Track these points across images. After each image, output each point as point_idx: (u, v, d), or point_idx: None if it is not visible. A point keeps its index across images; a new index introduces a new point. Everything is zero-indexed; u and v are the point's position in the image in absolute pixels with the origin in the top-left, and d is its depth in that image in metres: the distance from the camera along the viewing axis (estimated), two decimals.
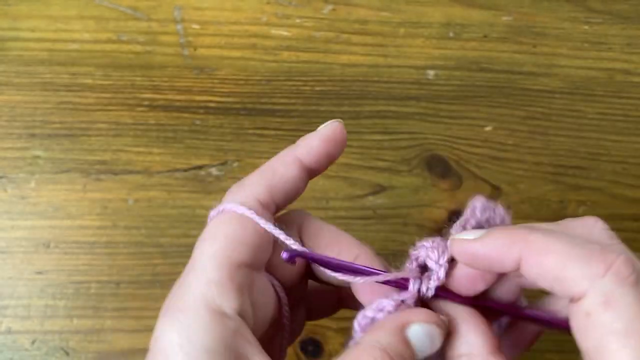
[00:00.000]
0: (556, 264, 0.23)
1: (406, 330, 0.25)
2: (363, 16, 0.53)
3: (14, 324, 0.42)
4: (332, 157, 0.30)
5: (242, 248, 0.26)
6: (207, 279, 0.25)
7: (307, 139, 0.29)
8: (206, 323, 0.24)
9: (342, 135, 0.30)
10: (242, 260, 0.26)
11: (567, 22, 0.54)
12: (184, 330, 0.24)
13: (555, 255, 0.23)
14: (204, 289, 0.24)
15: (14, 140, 0.47)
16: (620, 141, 0.50)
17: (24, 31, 0.50)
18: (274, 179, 0.28)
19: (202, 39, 0.51)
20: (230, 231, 0.26)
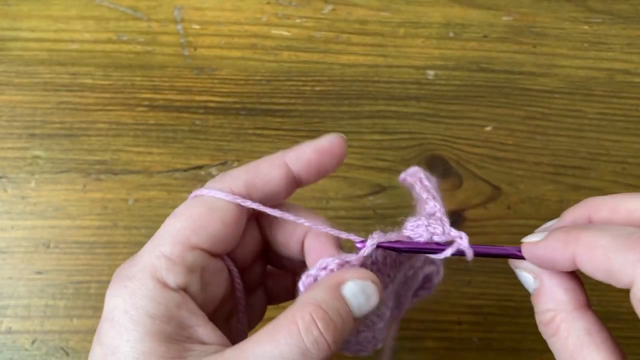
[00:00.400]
0: (603, 257, 0.25)
1: (341, 288, 0.26)
2: (363, 16, 0.53)
3: (14, 323, 0.42)
4: (323, 170, 0.30)
5: (202, 232, 0.27)
6: (160, 252, 0.26)
7: (301, 146, 0.29)
8: (151, 291, 0.25)
9: (339, 150, 0.30)
10: (198, 244, 0.27)
11: (567, 22, 0.54)
12: (129, 297, 0.25)
13: (601, 249, 0.25)
14: (154, 261, 0.26)
15: (14, 140, 0.47)
16: (620, 141, 0.50)
17: (25, 31, 0.50)
18: (256, 176, 0.28)
19: (202, 39, 0.51)
20: (195, 213, 0.27)
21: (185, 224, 0.27)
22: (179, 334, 0.25)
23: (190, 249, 0.26)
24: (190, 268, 0.26)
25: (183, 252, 0.26)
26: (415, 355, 0.44)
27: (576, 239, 0.26)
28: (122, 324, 0.24)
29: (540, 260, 0.28)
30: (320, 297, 0.25)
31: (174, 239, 0.26)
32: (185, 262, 0.26)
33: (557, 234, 0.27)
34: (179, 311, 0.25)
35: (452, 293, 0.45)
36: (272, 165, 0.29)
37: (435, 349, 0.44)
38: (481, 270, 0.46)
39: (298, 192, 0.47)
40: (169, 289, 0.25)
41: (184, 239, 0.26)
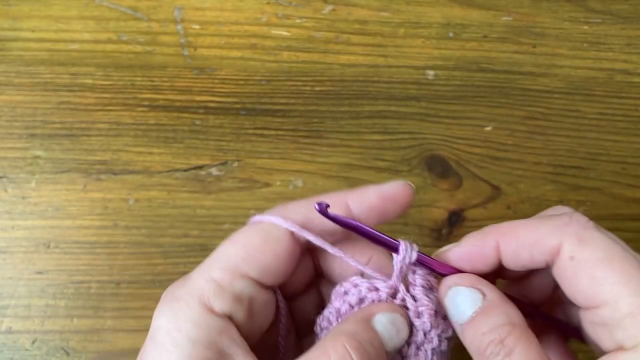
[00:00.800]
0: (528, 232, 0.26)
1: (371, 320, 0.26)
2: (363, 16, 0.53)
3: (15, 323, 0.42)
4: (384, 216, 0.29)
5: (253, 261, 0.27)
6: (210, 276, 0.26)
7: (365, 189, 0.29)
8: (195, 314, 0.25)
9: (403, 198, 0.29)
10: (248, 273, 0.26)
11: (566, 22, 0.54)
12: (174, 318, 0.25)
13: (524, 226, 0.26)
14: (203, 285, 0.26)
15: (14, 140, 0.47)
16: (619, 141, 0.50)
17: (25, 31, 0.50)
18: (316, 215, 0.28)
19: (202, 39, 0.51)
20: (249, 241, 0.27)
21: (238, 251, 0.27)
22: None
23: (240, 277, 0.26)
24: (238, 296, 0.26)
25: (232, 279, 0.26)
26: None
27: (495, 229, 0.27)
28: (163, 345, 0.24)
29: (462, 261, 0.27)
30: (353, 328, 0.25)
31: (225, 265, 0.26)
32: (233, 289, 0.26)
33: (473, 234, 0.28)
34: (221, 338, 0.25)
35: None
36: (333, 205, 0.28)
37: None
38: None
39: (297, 193, 0.47)
40: (213, 315, 0.25)
41: (234, 266, 0.26)
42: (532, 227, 0.27)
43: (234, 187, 0.46)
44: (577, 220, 0.26)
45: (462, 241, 0.28)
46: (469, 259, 0.27)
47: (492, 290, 0.27)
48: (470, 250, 0.28)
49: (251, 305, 0.27)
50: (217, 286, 0.26)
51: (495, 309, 0.26)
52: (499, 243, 0.27)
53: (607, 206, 0.48)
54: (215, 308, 0.25)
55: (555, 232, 0.26)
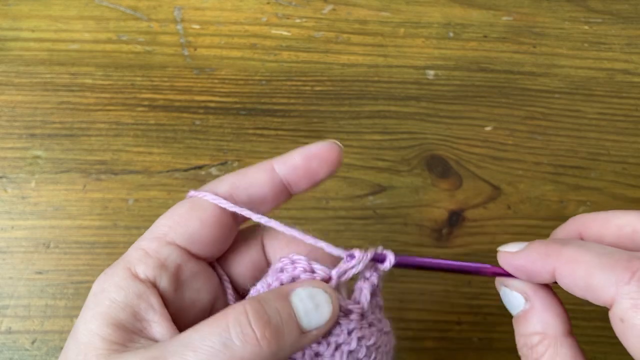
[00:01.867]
0: (585, 273, 0.25)
1: (289, 293, 0.25)
2: (363, 16, 0.53)
3: (14, 323, 0.42)
4: (312, 176, 0.29)
5: (179, 229, 0.27)
6: (139, 245, 0.27)
7: (290, 152, 0.29)
8: (119, 278, 0.26)
9: (329, 156, 0.28)
10: (174, 240, 0.27)
11: (567, 22, 0.54)
12: (102, 282, 0.26)
13: (584, 264, 0.25)
14: (132, 253, 0.27)
15: (14, 140, 0.47)
16: (620, 141, 0.50)
17: (25, 31, 0.50)
18: (241, 179, 0.28)
19: (202, 39, 0.51)
20: (177, 212, 0.28)
21: (166, 221, 0.27)
22: (132, 324, 0.25)
23: (166, 244, 0.27)
24: (163, 263, 0.27)
25: (159, 247, 0.27)
26: (415, 355, 0.44)
27: (558, 252, 0.26)
28: (87, 305, 0.26)
29: (518, 271, 0.27)
30: (263, 295, 0.25)
31: (154, 235, 0.27)
32: (158, 256, 0.27)
33: (538, 245, 0.27)
34: (138, 301, 0.26)
35: (452, 293, 0.45)
36: (258, 169, 0.28)
37: (435, 349, 0.44)
38: None
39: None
40: (135, 279, 0.26)
41: (162, 234, 0.27)
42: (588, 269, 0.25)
43: None
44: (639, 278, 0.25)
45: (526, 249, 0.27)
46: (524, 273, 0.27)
47: (537, 295, 0.27)
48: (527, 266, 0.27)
49: (178, 273, 0.27)
50: (143, 253, 0.27)
51: (533, 316, 0.27)
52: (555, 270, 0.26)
53: (608, 206, 0.48)
54: (138, 273, 0.26)
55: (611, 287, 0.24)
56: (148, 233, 0.28)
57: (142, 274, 0.26)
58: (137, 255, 0.27)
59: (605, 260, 0.25)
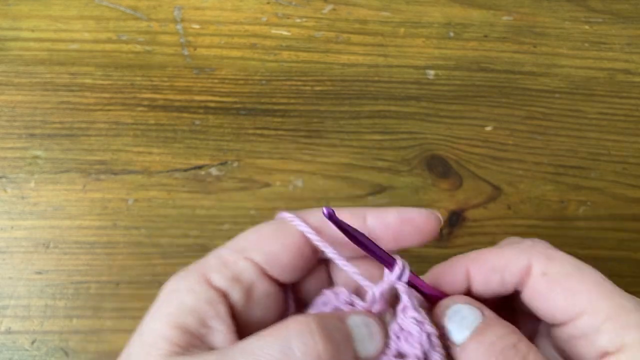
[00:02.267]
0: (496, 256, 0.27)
1: (345, 317, 0.26)
2: (363, 16, 0.53)
3: (14, 324, 0.42)
4: (401, 239, 0.28)
5: (260, 247, 0.27)
6: (218, 254, 0.28)
7: (387, 208, 0.29)
8: (192, 282, 0.26)
9: (426, 226, 0.28)
10: (252, 257, 0.27)
11: (567, 22, 0.54)
12: (175, 283, 0.27)
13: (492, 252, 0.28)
14: (210, 260, 0.27)
15: (13, 140, 0.47)
16: (620, 141, 0.50)
17: (24, 31, 0.50)
18: None
19: (202, 38, 0.51)
20: (263, 230, 0.28)
21: (249, 237, 0.28)
22: (197, 329, 0.25)
23: (244, 258, 0.27)
24: (237, 276, 0.27)
25: (237, 260, 0.27)
26: None
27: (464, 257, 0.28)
28: (157, 304, 0.26)
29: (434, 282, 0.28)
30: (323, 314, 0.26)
31: (234, 247, 0.28)
32: (235, 268, 0.27)
33: (440, 264, 0.29)
34: (207, 307, 0.26)
35: None
36: (352, 215, 0.28)
37: None
38: None
39: (297, 193, 0.47)
40: (208, 285, 0.26)
41: (242, 248, 0.27)
42: (499, 252, 0.27)
43: (233, 187, 0.46)
44: (540, 243, 0.28)
45: (431, 270, 0.29)
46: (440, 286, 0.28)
47: (486, 307, 0.27)
48: (440, 277, 0.28)
49: (250, 290, 0.27)
50: (220, 262, 0.27)
51: (497, 321, 0.26)
52: (468, 269, 0.27)
53: (608, 206, 0.48)
54: (212, 280, 0.27)
55: (523, 254, 0.27)
56: (230, 244, 0.28)
57: (216, 282, 0.26)
58: (214, 263, 0.27)
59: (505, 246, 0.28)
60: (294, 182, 0.47)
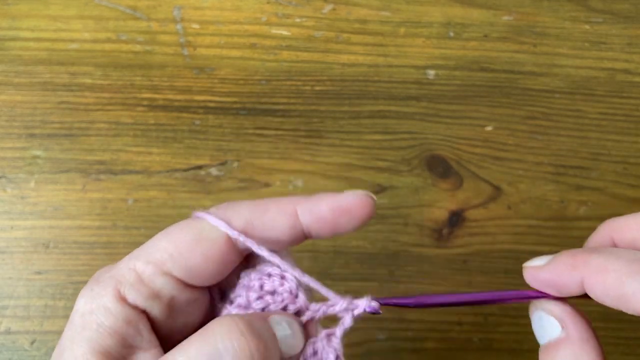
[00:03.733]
0: (615, 282, 0.24)
1: (269, 318, 0.25)
2: (363, 16, 0.53)
3: (14, 324, 0.42)
4: (338, 229, 0.27)
5: (179, 261, 0.25)
6: (133, 265, 0.25)
7: (317, 198, 0.27)
8: (107, 301, 0.25)
9: (361, 211, 0.27)
10: (171, 271, 0.25)
11: (567, 22, 0.54)
12: (90, 300, 0.25)
13: (613, 273, 0.24)
14: (125, 273, 0.25)
15: (13, 140, 0.47)
16: (621, 141, 0.50)
17: (24, 31, 0.50)
18: (260, 217, 0.26)
19: (201, 38, 0.51)
20: (180, 239, 0.26)
21: (168, 247, 0.25)
22: (119, 351, 0.24)
23: (162, 273, 0.25)
24: (157, 293, 0.25)
25: (154, 275, 0.25)
26: (415, 356, 0.44)
27: (585, 263, 0.25)
28: (75, 326, 0.25)
29: (544, 285, 0.26)
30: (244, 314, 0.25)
31: (151, 258, 0.25)
32: (153, 284, 0.25)
33: (564, 256, 0.26)
34: (126, 328, 0.24)
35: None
36: (279, 211, 0.26)
37: (435, 349, 0.44)
38: (481, 270, 0.46)
39: (297, 192, 0.47)
40: (124, 304, 0.25)
41: (160, 261, 0.25)
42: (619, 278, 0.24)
43: (233, 187, 0.46)
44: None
45: (551, 262, 0.26)
46: (555, 286, 0.26)
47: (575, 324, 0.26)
48: (554, 279, 0.26)
49: (172, 302, 0.26)
50: (136, 277, 0.25)
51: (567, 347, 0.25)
52: (583, 280, 0.25)
53: (609, 206, 0.48)
54: (128, 298, 0.25)
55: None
56: (144, 252, 0.26)
57: (133, 301, 0.25)
58: (129, 278, 0.25)
59: (636, 266, 0.24)
60: (294, 182, 0.47)
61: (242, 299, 0.27)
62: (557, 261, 0.26)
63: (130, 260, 0.25)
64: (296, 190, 0.47)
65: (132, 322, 0.24)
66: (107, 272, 0.26)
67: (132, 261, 0.25)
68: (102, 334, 0.24)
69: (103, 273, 0.26)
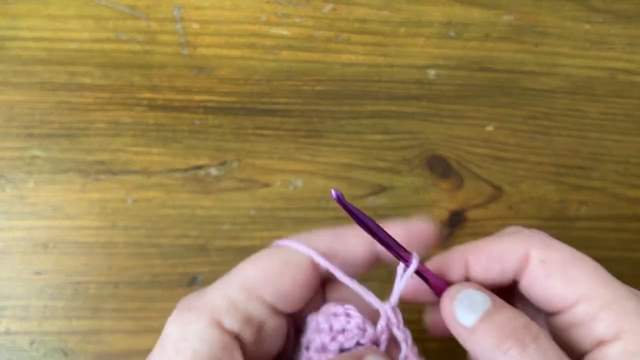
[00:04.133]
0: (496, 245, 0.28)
1: (363, 357, 0.26)
2: (363, 15, 0.52)
3: (13, 324, 0.42)
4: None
5: (271, 286, 0.27)
6: (226, 294, 0.26)
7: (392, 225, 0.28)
8: (203, 328, 0.25)
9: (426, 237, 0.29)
10: (263, 296, 0.27)
11: (568, 22, 0.54)
12: (183, 327, 0.26)
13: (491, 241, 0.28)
14: (218, 300, 0.26)
15: (12, 140, 0.46)
16: (622, 141, 0.50)
17: (23, 30, 0.50)
18: (341, 244, 0.28)
19: (201, 38, 0.51)
20: (269, 265, 0.27)
21: (257, 274, 0.27)
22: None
23: (255, 298, 0.27)
24: (249, 317, 0.27)
25: (247, 300, 0.26)
26: None
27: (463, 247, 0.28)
28: (168, 352, 0.25)
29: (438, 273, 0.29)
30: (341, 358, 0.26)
31: (242, 285, 0.27)
32: (246, 309, 0.26)
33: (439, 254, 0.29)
34: (222, 353, 0.25)
35: None
36: (358, 239, 0.28)
37: (436, 350, 0.44)
38: None
39: (297, 192, 0.47)
40: (221, 331, 0.26)
41: (251, 287, 0.27)
42: (498, 241, 0.28)
43: (233, 187, 0.46)
44: (538, 232, 0.29)
45: (430, 261, 0.29)
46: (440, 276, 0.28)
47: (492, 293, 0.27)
48: (440, 268, 0.28)
49: (261, 328, 0.27)
50: (230, 304, 0.26)
51: (506, 304, 0.26)
52: (467, 259, 0.28)
53: (610, 206, 0.48)
54: (225, 325, 0.26)
55: (522, 242, 0.27)
56: (235, 280, 0.27)
57: (228, 327, 0.26)
58: (224, 305, 0.26)
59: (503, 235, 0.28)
60: (294, 182, 0.47)
61: (317, 343, 0.28)
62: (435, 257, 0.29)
63: (221, 289, 0.27)
64: (296, 190, 0.47)
65: (227, 347, 0.25)
66: (197, 298, 0.27)
67: (223, 289, 0.27)
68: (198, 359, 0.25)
69: (192, 301, 0.27)
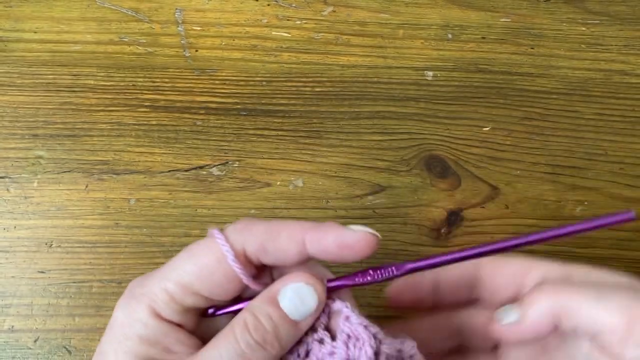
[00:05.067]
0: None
1: (277, 294, 0.28)
2: (362, 18, 0.53)
3: (17, 322, 0.42)
4: (340, 260, 0.29)
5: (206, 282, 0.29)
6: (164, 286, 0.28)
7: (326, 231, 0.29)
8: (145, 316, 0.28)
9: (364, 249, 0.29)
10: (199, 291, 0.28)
11: (564, 24, 0.54)
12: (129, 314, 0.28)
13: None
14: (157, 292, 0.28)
15: (16, 141, 0.47)
16: (617, 141, 0.50)
17: (27, 32, 0.50)
18: (272, 243, 0.29)
19: (203, 40, 0.51)
20: (204, 262, 0.29)
21: (193, 269, 0.28)
22: (164, 357, 0.27)
23: (191, 293, 0.28)
24: (188, 309, 0.29)
25: (184, 295, 0.28)
26: None
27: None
28: (117, 336, 0.28)
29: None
30: (254, 304, 0.28)
31: (179, 280, 0.28)
32: (183, 302, 0.28)
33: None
34: (167, 338, 0.28)
35: None
36: (290, 238, 0.29)
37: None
38: None
39: (297, 193, 0.47)
40: (161, 319, 0.28)
41: (187, 283, 0.28)
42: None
43: (234, 187, 0.47)
44: None
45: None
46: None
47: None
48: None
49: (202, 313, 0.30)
50: (169, 297, 0.28)
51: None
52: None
53: (605, 206, 0.48)
54: (163, 315, 0.28)
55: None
56: (173, 273, 0.28)
57: (167, 317, 0.28)
58: (162, 297, 0.28)
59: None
60: (294, 182, 0.47)
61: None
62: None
63: (160, 281, 0.28)
64: (296, 190, 0.47)
65: (169, 334, 0.28)
66: (140, 287, 0.29)
67: (162, 282, 0.28)
68: (145, 344, 0.27)
69: (136, 287, 0.29)
